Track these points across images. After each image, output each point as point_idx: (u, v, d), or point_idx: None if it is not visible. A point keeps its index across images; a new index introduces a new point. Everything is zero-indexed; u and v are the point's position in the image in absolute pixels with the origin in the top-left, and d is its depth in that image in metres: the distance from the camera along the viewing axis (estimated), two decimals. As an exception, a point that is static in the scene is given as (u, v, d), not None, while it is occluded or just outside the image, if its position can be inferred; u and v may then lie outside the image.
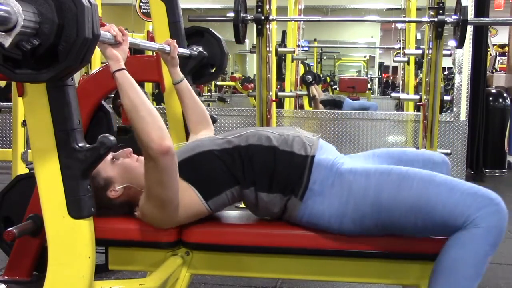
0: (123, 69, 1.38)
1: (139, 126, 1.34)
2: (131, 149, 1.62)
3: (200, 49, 2.16)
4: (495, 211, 1.32)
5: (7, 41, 0.94)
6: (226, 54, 2.20)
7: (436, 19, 3.06)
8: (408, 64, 6.16)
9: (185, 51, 2.06)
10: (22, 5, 0.94)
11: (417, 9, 5.95)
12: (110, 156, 1.56)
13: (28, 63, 1.01)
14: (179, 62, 1.90)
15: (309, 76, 6.53)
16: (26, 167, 3.51)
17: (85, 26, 0.99)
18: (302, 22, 6.52)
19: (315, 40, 9.67)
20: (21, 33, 0.94)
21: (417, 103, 4.45)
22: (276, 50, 4.13)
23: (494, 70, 6.65)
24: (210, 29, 2.26)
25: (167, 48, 1.83)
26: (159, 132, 1.34)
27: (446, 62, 9.15)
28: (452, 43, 3.76)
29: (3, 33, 0.93)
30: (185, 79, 1.91)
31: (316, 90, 6.98)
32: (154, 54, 2.20)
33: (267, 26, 3.23)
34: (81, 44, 1.00)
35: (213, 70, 2.24)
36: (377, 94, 11.87)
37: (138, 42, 1.60)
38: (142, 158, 1.63)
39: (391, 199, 1.39)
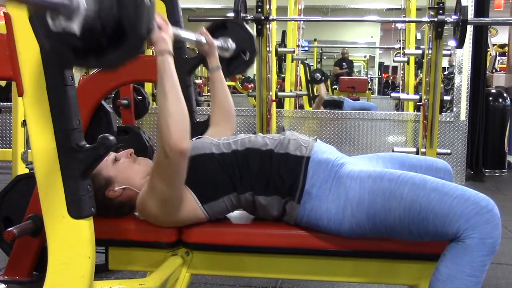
0: (168, 53, 1.37)
1: (163, 119, 1.33)
2: (132, 149, 1.62)
3: (230, 40, 2.08)
4: (487, 220, 1.29)
5: (77, 26, 0.92)
6: (254, 36, 2.12)
7: (436, 19, 3.07)
8: (408, 64, 6.16)
9: (221, 45, 2.02)
10: None
11: (417, 9, 5.95)
12: (112, 156, 1.56)
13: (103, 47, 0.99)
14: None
15: (318, 74, 6.52)
16: (26, 167, 3.51)
17: (142, 23, 0.97)
18: (302, 22, 6.53)
19: (315, 40, 9.68)
20: (87, 16, 0.93)
21: (417, 103, 4.46)
22: (276, 50, 4.13)
23: (494, 70, 6.64)
24: (230, 18, 2.20)
25: (203, 40, 1.81)
26: (181, 132, 1.33)
27: (447, 62, 9.15)
28: (452, 43, 3.76)
29: (69, 20, 0.92)
30: (220, 69, 1.87)
31: (323, 89, 6.96)
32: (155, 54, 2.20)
33: (267, 26, 3.24)
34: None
35: (247, 56, 2.16)
36: (377, 94, 11.88)
37: (179, 33, 1.57)
38: (141, 159, 1.63)
39: (384, 207, 1.37)
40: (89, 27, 0.94)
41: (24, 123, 3.46)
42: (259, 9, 3.13)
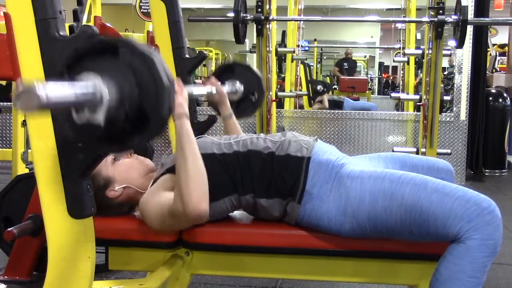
0: (185, 116, 1.39)
1: (182, 179, 1.34)
2: (132, 149, 1.61)
3: (238, 83, 2.10)
4: (488, 222, 1.29)
5: (101, 118, 0.93)
6: (261, 78, 2.15)
7: (436, 19, 3.07)
8: (408, 64, 6.17)
9: (230, 89, 2.04)
10: (103, 80, 0.94)
11: (417, 9, 5.96)
12: (111, 156, 1.56)
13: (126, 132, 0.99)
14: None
15: (320, 86, 6.55)
16: (26, 167, 3.51)
17: (164, 106, 0.97)
18: (302, 22, 6.53)
19: (315, 40, 9.68)
20: (110, 106, 0.94)
21: (417, 103, 4.46)
22: (276, 50, 4.13)
23: (494, 70, 6.64)
24: (237, 61, 2.22)
25: (214, 90, 1.85)
26: (200, 193, 1.33)
27: (447, 62, 9.15)
28: (452, 43, 3.76)
29: (94, 112, 0.93)
30: (233, 115, 1.92)
31: (326, 99, 6.98)
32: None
33: (267, 26, 3.24)
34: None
35: (254, 97, 2.15)
36: (377, 94, 11.88)
37: (191, 90, 1.58)
38: (141, 158, 1.63)
39: (385, 208, 1.37)
40: (112, 117, 0.94)
41: (24, 123, 3.46)
42: (259, 9, 3.13)
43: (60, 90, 0.86)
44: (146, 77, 0.95)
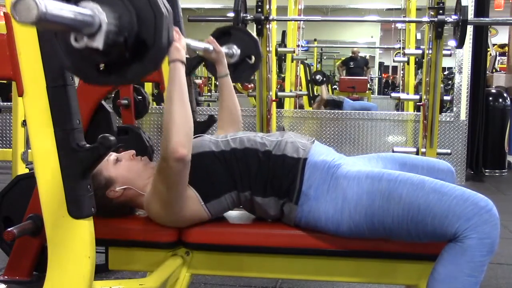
0: (181, 62, 1.40)
1: (166, 122, 1.35)
2: (134, 151, 1.61)
3: (235, 46, 2.10)
4: (486, 220, 1.29)
5: (100, 42, 0.92)
6: (258, 41, 2.15)
7: (436, 19, 3.07)
8: (408, 64, 6.16)
9: (227, 52, 2.03)
10: (102, 8, 0.94)
11: (417, 9, 5.95)
12: (114, 156, 1.56)
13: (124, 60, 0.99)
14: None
15: (319, 76, 6.51)
16: (26, 167, 3.51)
17: (162, 34, 0.98)
18: (302, 22, 6.53)
19: (315, 40, 9.67)
20: (108, 32, 0.94)
21: (417, 103, 4.46)
22: (276, 50, 4.13)
23: (494, 70, 6.64)
24: (234, 25, 2.21)
25: (210, 47, 1.84)
26: (181, 137, 1.34)
27: (447, 62, 9.16)
28: (452, 43, 3.76)
29: (92, 38, 0.92)
30: (229, 76, 1.90)
31: (324, 90, 6.97)
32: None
33: (267, 26, 3.24)
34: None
35: (252, 61, 2.15)
36: (377, 94, 11.88)
37: (189, 42, 1.60)
38: (143, 160, 1.63)
39: (382, 208, 1.37)
40: (111, 42, 0.95)
41: (24, 123, 3.46)
42: (259, 9, 3.14)
43: (59, 6, 0.84)
44: (144, 5, 0.97)
